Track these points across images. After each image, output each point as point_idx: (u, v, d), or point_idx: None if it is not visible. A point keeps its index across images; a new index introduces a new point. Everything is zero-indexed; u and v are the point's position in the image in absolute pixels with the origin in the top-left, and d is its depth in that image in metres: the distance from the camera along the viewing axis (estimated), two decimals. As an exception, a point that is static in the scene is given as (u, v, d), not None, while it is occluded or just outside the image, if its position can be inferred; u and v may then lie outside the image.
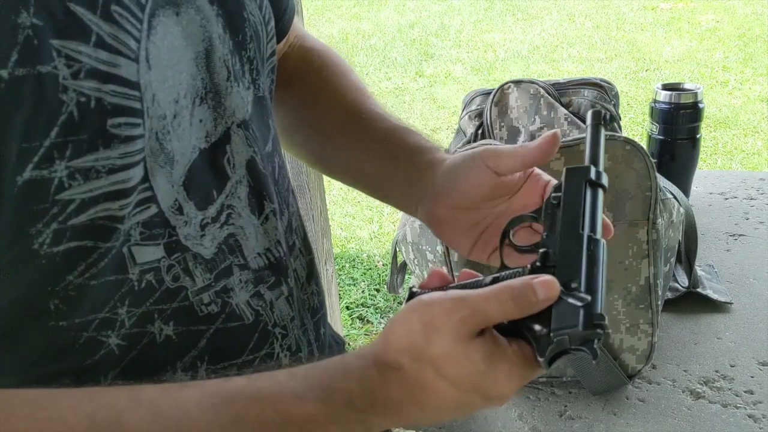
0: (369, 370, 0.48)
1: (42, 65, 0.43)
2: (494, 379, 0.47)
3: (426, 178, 0.67)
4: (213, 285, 0.58)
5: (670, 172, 1.16)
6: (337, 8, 6.34)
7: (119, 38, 0.47)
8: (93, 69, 0.45)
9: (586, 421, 0.83)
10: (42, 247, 0.46)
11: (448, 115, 4.20)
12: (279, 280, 0.64)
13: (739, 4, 5.74)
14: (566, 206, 0.52)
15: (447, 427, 0.86)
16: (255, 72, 0.63)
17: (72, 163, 0.45)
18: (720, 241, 1.20)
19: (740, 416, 0.82)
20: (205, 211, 0.56)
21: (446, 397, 0.47)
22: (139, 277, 0.52)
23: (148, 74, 0.50)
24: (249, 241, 0.61)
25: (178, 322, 0.56)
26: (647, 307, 0.84)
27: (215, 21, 0.57)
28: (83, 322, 0.51)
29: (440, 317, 0.46)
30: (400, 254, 0.99)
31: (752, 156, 3.54)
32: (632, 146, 0.79)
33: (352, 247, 2.99)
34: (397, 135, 0.71)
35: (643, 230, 0.82)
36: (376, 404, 0.48)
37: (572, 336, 0.44)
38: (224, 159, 0.58)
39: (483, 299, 0.46)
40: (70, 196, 0.46)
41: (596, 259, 0.48)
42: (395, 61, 5.14)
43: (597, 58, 4.98)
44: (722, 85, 4.37)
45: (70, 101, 0.44)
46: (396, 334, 0.48)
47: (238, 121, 0.60)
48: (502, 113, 0.98)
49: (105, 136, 0.47)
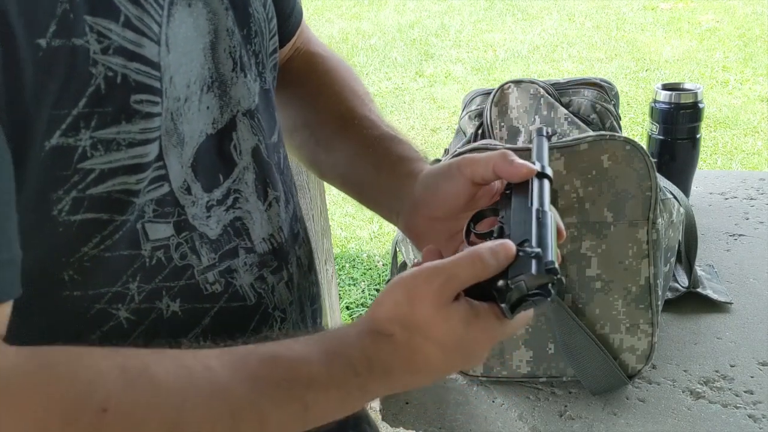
0: (364, 338, 0.52)
1: (76, 38, 0.46)
2: (473, 337, 0.52)
3: (405, 188, 0.68)
4: (217, 265, 0.60)
5: (670, 172, 1.16)
6: (337, 8, 6.33)
7: (144, 21, 0.51)
8: (120, 47, 0.49)
9: (586, 421, 0.83)
10: (60, 214, 0.49)
11: (448, 115, 4.20)
12: (280, 266, 0.66)
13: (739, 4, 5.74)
14: (517, 191, 0.60)
15: (447, 427, 0.86)
16: (261, 65, 0.66)
17: (96, 134, 0.48)
18: (720, 241, 1.20)
19: (740, 416, 0.82)
20: (210, 193, 0.59)
21: (433, 359, 0.52)
22: (150, 254, 0.55)
23: (167, 57, 0.53)
24: (255, 226, 0.64)
25: (184, 299, 0.58)
26: (647, 307, 0.84)
27: (224, 14, 0.60)
28: (96, 294, 0.53)
29: (421, 286, 0.51)
30: (400, 254, 0.99)
31: (752, 156, 3.54)
32: (632, 146, 0.79)
33: (352, 247, 2.99)
34: (384, 143, 0.73)
35: (643, 230, 0.82)
36: (373, 370, 0.52)
37: (528, 281, 0.50)
38: (231, 145, 0.61)
39: (454, 265, 0.51)
40: (91, 165, 0.49)
41: (544, 223, 0.55)
42: (395, 61, 5.14)
43: (597, 58, 4.98)
44: (722, 85, 4.37)
45: (98, 75, 0.47)
46: (384, 304, 0.52)
47: (243, 110, 0.63)
48: (502, 113, 0.98)
49: (128, 110, 0.50)
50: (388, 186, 0.70)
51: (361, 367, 0.51)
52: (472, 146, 0.83)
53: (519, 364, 0.87)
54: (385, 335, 0.52)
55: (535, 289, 0.51)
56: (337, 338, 0.53)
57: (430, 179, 0.66)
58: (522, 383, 0.89)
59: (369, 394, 0.54)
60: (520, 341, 0.86)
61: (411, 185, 0.67)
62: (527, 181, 0.59)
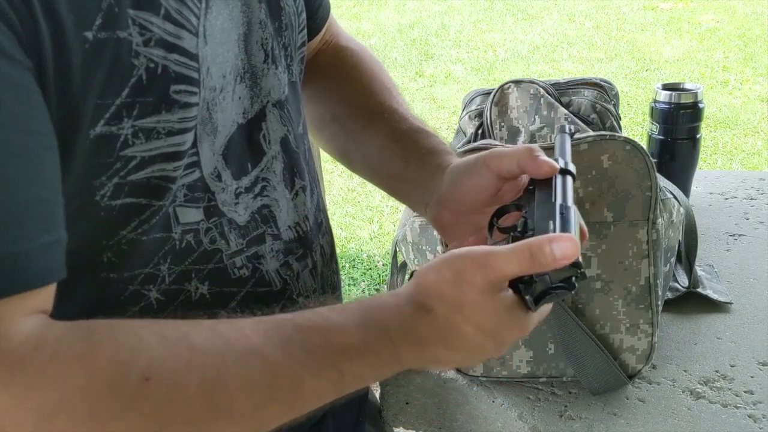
0: (403, 308, 0.53)
1: (120, 31, 0.47)
2: (509, 327, 0.54)
3: (433, 182, 0.68)
4: (245, 250, 0.62)
5: (670, 172, 1.16)
6: (337, 8, 6.30)
7: (183, 14, 0.52)
8: (161, 39, 0.50)
9: (586, 421, 0.83)
10: (103, 200, 0.51)
11: (448, 115, 4.20)
12: (305, 253, 0.68)
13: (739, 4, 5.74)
14: (540, 187, 0.60)
15: (447, 427, 0.85)
16: (289, 58, 0.67)
17: (137, 123, 0.50)
18: (720, 241, 1.20)
19: (740, 416, 0.82)
20: (239, 180, 0.61)
21: (469, 340, 0.53)
22: (180, 237, 0.57)
23: (204, 48, 0.54)
24: (282, 214, 0.65)
25: (213, 282, 0.60)
26: (647, 307, 0.84)
27: (258, 7, 0.61)
28: (131, 276, 0.56)
29: (470, 271, 0.52)
30: (400, 254, 0.99)
31: (752, 156, 3.54)
32: (632, 146, 0.79)
33: (352, 247, 2.99)
34: (414, 137, 0.74)
35: (643, 230, 0.82)
36: (409, 339, 0.53)
37: (552, 275, 0.52)
38: (260, 135, 0.63)
39: (507, 259, 0.51)
40: (132, 152, 0.51)
41: (568, 218, 0.55)
42: (395, 61, 5.14)
43: (597, 58, 4.98)
44: (722, 85, 4.37)
45: (140, 66, 0.49)
46: (429, 280, 0.53)
47: (273, 101, 0.64)
48: (502, 113, 0.98)
49: (167, 100, 0.52)
50: (417, 178, 0.71)
51: (397, 335, 0.52)
52: (473, 146, 0.83)
53: (519, 364, 0.87)
54: (426, 309, 0.52)
55: (558, 282, 0.52)
56: (375, 306, 0.54)
57: (456, 173, 0.66)
58: (522, 383, 0.89)
59: (402, 362, 0.54)
60: (520, 341, 0.86)
61: (439, 178, 0.68)
62: (550, 178, 0.60)
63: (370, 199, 3.29)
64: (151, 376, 0.45)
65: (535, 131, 0.95)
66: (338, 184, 3.43)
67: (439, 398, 0.89)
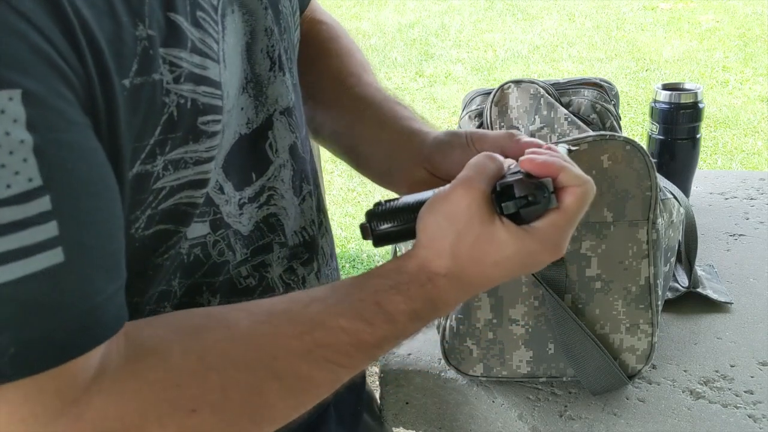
0: (423, 287, 0.54)
1: (154, 73, 0.46)
2: (528, 249, 0.54)
3: (411, 144, 0.69)
4: (249, 259, 0.62)
5: (670, 172, 1.16)
6: (337, 8, 6.33)
7: (206, 42, 0.51)
8: (190, 73, 0.49)
9: (586, 421, 0.83)
10: (137, 232, 0.50)
11: (448, 115, 4.20)
12: (311, 257, 0.68)
13: (739, 4, 5.74)
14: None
15: (447, 427, 0.86)
16: (290, 61, 0.66)
17: (167, 156, 0.49)
18: (720, 241, 1.20)
19: (740, 416, 0.82)
20: (242, 191, 0.60)
21: (489, 275, 0.55)
22: (188, 251, 0.56)
23: (225, 73, 0.53)
24: (289, 221, 0.65)
25: (223, 294, 0.60)
26: (647, 307, 0.84)
27: (263, 14, 0.60)
28: (149, 297, 0.55)
29: (458, 201, 0.52)
30: (400, 254, 0.99)
31: (752, 156, 3.54)
32: (632, 146, 0.79)
33: (352, 247, 2.99)
34: (389, 103, 0.74)
35: (643, 230, 0.82)
36: (438, 310, 0.55)
37: (518, 186, 0.53)
38: (266, 144, 0.62)
39: (478, 168, 0.54)
40: (162, 184, 0.50)
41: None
42: (395, 61, 5.14)
43: (597, 58, 4.98)
44: (722, 85, 4.38)
45: (171, 103, 0.48)
46: (433, 240, 0.54)
47: (281, 109, 0.63)
48: (502, 113, 0.98)
49: (195, 131, 0.51)
50: (390, 141, 0.71)
51: (425, 312, 0.54)
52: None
53: (519, 364, 0.87)
54: (441, 274, 0.54)
55: (523, 194, 0.53)
56: (397, 296, 0.54)
57: (444, 141, 0.67)
58: (522, 383, 0.89)
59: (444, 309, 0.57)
60: (520, 341, 0.86)
61: (417, 141, 0.68)
62: None
63: (370, 199, 3.29)
64: (196, 408, 0.47)
65: (535, 131, 0.95)
66: (338, 184, 3.43)
67: (439, 398, 0.89)
